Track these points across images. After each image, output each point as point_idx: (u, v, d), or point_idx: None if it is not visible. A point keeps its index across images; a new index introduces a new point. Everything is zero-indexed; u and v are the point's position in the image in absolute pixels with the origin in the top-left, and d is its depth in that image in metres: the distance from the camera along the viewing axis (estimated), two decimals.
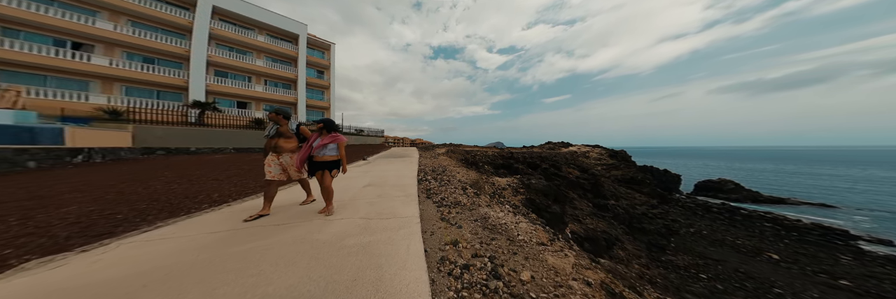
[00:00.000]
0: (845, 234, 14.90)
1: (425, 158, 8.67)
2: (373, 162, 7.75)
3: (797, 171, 39.22)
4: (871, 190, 25.87)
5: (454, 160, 9.15)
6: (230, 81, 14.91)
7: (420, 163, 7.29)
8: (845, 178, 32.52)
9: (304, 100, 18.41)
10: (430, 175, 5.20)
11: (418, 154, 10.60)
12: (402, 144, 25.22)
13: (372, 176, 5.01)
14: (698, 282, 8.13)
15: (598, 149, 21.00)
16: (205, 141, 10.62)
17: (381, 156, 9.61)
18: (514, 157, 13.28)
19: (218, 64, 14.70)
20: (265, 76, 17.00)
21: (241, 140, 11.72)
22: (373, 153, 11.83)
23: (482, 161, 11.31)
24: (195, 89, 13.08)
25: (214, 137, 10.91)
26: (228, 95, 15.11)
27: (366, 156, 9.52)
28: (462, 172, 6.00)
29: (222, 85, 14.51)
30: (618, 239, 9.35)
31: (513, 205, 4.13)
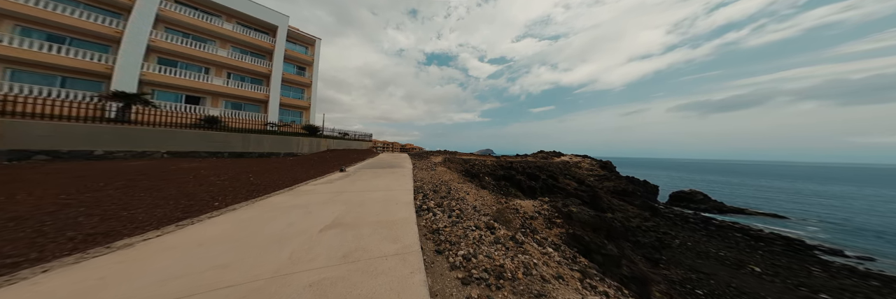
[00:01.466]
0: (803, 244, 16.00)
1: (421, 170, 7.13)
2: (354, 174, 5.95)
3: (741, 183, 44.30)
4: (808, 201, 29.50)
5: (454, 172, 7.77)
6: (180, 71, 12.17)
7: (415, 176, 5.78)
8: (780, 190, 37.18)
9: (278, 98, 15.91)
10: (433, 198, 3.74)
11: (411, 163, 9.01)
12: (392, 149, 23.14)
13: (346, 201, 3.31)
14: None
15: (588, 160, 21.15)
16: (124, 142, 7.91)
17: (366, 166, 7.76)
18: (513, 168, 12.32)
19: (164, 50, 11.97)
20: (229, 68, 14.40)
21: (180, 141, 9.10)
22: (357, 160, 9.91)
23: (482, 172, 10.10)
24: (124, 78, 10.20)
25: (140, 138, 8.23)
26: (175, 88, 12.24)
27: (345, 166, 7.64)
28: (471, 192, 4.63)
29: (167, 75, 11.70)
30: (627, 257, 8.52)
31: (554, 246, 2.89)
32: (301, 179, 4.87)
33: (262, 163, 7.58)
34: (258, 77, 15.93)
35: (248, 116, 14.13)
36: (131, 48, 10.44)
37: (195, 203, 2.94)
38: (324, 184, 4.42)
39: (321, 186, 4.28)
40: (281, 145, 11.82)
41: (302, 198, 3.42)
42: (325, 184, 4.42)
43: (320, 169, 6.78)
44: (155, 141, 8.56)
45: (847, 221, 21.51)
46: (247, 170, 5.69)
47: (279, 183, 4.40)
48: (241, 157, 10.38)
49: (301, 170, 6.22)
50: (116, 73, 10.10)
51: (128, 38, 10.35)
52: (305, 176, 5.38)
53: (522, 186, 10.50)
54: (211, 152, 9.80)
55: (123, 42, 10.28)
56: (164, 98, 11.92)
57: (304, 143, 12.75)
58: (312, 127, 15.01)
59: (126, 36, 10.31)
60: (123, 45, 10.28)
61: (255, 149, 11.01)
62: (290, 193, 3.62)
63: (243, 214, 2.68)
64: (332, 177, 5.32)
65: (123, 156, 7.89)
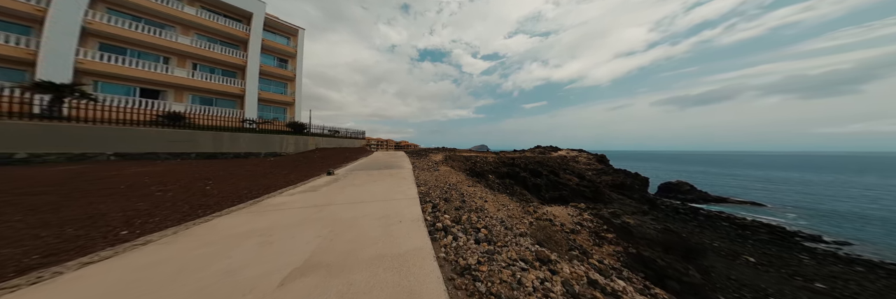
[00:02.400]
0: (784, 231, 16.64)
1: (422, 170, 6.15)
2: (344, 177, 4.90)
3: (720, 173, 46.66)
4: (779, 189, 31.22)
5: (459, 171, 6.88)
6: (130, 60, 10.29)
7: (417, 178, 4.85)
8: (754, 179, 39.37)
9: (256, 93, 14.19)
10: (445, 209, 2.85)
11: (410, 162, 8.01)
12: (386, 147, 21.85)
13: (329, 220, 2.34)
14: None
15: (585, 154, 20.94)
16: (55, 143, 6.39)
17: (360, 167, 6.66)
18: (516, 164, 11.64)
19: (107, 35, 10.01)
20: (195, 58, 12.53)
21: (132, 141, 7.61)
22: (349, 160, 8.77)
23: (485, 169, 9.33)
24: (53, 66, 8.32)
25: (77, 137, 6.70)
26: (125, 79, 10.37)
27: (334, 167, 6.53)
28: (488, 198, 3.78)
29: (112, 63, 9.81)
30: (711, 283, 8.18)
31: (616, 271, 2.13)
32: (276, 187, 3.83)
33: (232, 166, 6.35)
34: (232, 69, 14.09)
35: (221, 112, 12.45)
36: (59, 30, 8.52)
37: (90, 232, 1.89)
38: (303, 194, 3.39)
39: (299, 197, 3.25)
40: (261, 144, 10.42)
41: (266, 217, 2.42)
42: (305, 194, 3.40)
43: (304, 171, 5.70)
44: (98, 141, 7.04)
45: (818, 207, 22.77)
46: (208, 176, 4.54)
47: (244, 193, 3.34)
48: (212, 159, 8.98)
49: (279, 174, 5.12)
50: (42, 59, 8.23)
51: (54, 18, 8.41)
52: (283, 181, 4.32)
53: (527, 184, 9.85)
54: (173, 153, 8.35)
55: (48, 22, 8.36)
56: (111, 91, 10.08)
57: (289, 142, 11.39)
58: (298, 124, 13.55)
59: (51, 15, 8.38)
60: (48, 25, 8.36)
61: (229, 149, 9.59)
62: (252, 209, 2.61)
63: (157, 252, 1.67)
64: (316, 183, 4.27)
65: (56, 160, 6.38)
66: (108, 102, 9.11)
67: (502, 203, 3.66)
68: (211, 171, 5.24)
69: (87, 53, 9.34)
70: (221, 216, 2.37)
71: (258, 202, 2.89)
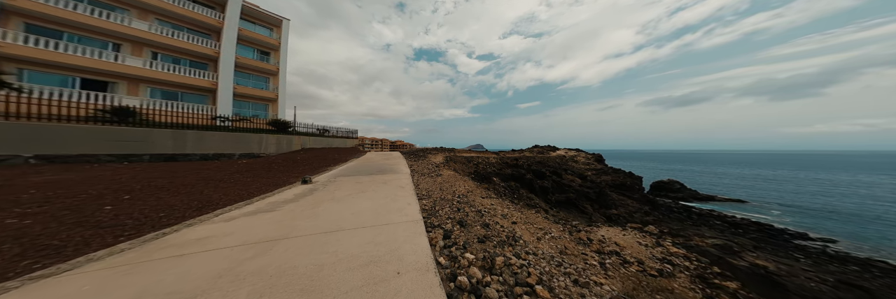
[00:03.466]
0: (773, 229, 16.88)
1: (423, 175, 5.13)
2: (324, 187, 3.72)
3: (703, 171, 48.45)
4: (758, 186, 32.46)
5: (465, 176, 5.89)
6: (68, 46, 8.51)
7: (418, 186, 3.83)
8: (734, 176, 41.00)
9: (231, 87, 12.55)
10: (465, 239, 1.83)
11: (407, 164, 6.91)
12: (381, 147, 20.45)
13: (262, 287, 1.19)
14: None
15: (583, 154, 20.55)
16: None
17: (348, 172, 5.49)
18: (520, 166, 10.81)
19: (35, 14, 8.20)
20: (154, 46, 10.79)
21: (60, 141, 6.11)
22: (337, 162, 7.55)
23: (488, 171, 8.41)
24: None
25: None
26: (59, 67, 8.58)
27: (314, 174, 5.27)
28: (517, 218, 2.80)
29: (42, 48, 8.07)
30: None
31: None
32: (220, 203, 2.70)
33: (187, 172, 5.06)
34: (202, 60, 12.39)
35: (188, 108, 10.83)
36: None
37: None
38: (250, 218, 2.27)
39: (240, 223, 2.12)
40: (234, 144, 9.00)
41: (141, 276, 1.34)
42: (254, 218, 2.28)
43: (276, 178, 4.54)
44: (13, 140, 5.53)
45: (797, 204, 23.59)
46: (137, 186, 3.32)
47: (157, 217, 2.20)
48: (171, 161, 7.55)
49: (239, 183, 3.94)
50: None
51: None
52: (236, 194, 3.17)
53: (534, 187, 9.04)
54: (119, 155, 6.87)
55: None
56: (43, 81, 8.31)
57: (270, 142, 10.00)
58: (281, 122, 12.09)
59: None
60: None
61: (194, 149, 8.14)
62: (130, 258, 1.49)
63: None
64: (281, 196, 3.14)
65: None
66: (39, 94, 7.44)
67: (536, 223, 2.72)
68: (148, 179, 3.99)
69: (8, 35, 7.57)
70: (46, 278, 1.26)
71: (163, 236, 1.77)
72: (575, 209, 9.21)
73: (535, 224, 2.85)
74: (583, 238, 2.85)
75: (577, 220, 5.41)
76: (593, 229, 3.76)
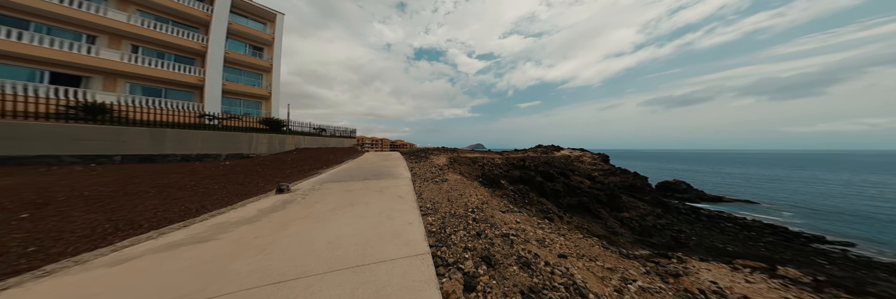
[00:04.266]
0: (788, 231, 16.14)
1: (426, 181, 4.38)
2: (303, 198, 2.94)
3: (707, 171, 47.75)
4: (766, 186, 31.76)
5: (473, 181, 5.12)
6: (35, 37, 7.66)
7: (420, 194, 3.06)
8: (738, 176, 40.31)
9: (220, 83, 11.76)
10: (500, 290, 1.06)
11: (406, 165, 6.13)
12: (381, 147, 19.66)
13: None
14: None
15: (588, 154, 19.80)
16: None
17: (338, 176, 4.70)
18: (526, 166, 10.06)
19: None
20: (134, 39, 9.98)
21: (11, 141, 5.36)
22: (331, 164, 6.79)
23: (495, 173, 7.66)
24: None
25: None
26: (25, 59, 7.71)
27: (293, 180, 4.39)
28: (555, 240, 2.04)
29: (6, 39, 7.25)
30: None
31: None
32: (144, 225, 1.95)
33: (152, 175, 4.30)
34: (188, 55, 11.60)
35: (172, 105, 10.05)
36: None
37: None
38: (166, 253, 1.48)
39: (136, 268, 1.34)
40: (221, 144, 8.25)
41: None
42: (173, 253, 1.50)
43: (253, 184, 3.80)
44: None
45: (807, 204, 22.87)
46: (50, 198, 2.57)
47: (28, 251, 1.45)
48: (148, 162, 6.80)
49: (199, 193, 3.18)
50: None
51: None
52: (180, 210, 2.40)
53: (544, 190, 8.30)
54: (86, 156, 6.13)
55: None
56: (7, 75, 7.52)
57: (261, 142, 9.25)
58: (274, 120, 11.34)
59: None
60: None
61: (175, 149, 7.38)
62: None
63: None
64: (239, 213, 2.35)
65: None
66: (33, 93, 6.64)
67: (596, 257, 1.91)
68: (91, 186, 3.23)
69: None
70: None
71: (30, 281, 1.03)
72: (588, 213, 8.48)
73: (595, 258, 2.00)
74: (690, 288, 1.87)
75: (645, 248, 4.64)
76: (688, 268, 2.84)
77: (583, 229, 5.79)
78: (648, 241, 9.08)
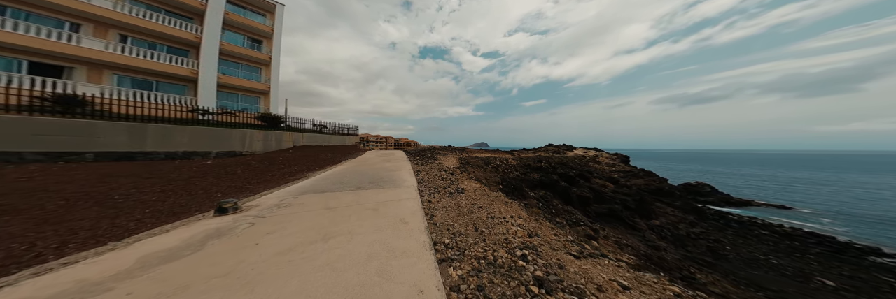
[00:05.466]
0: (835, 241, 14.19)
1: (437, 191, 3.27)
2: (252, 227, 1.82)
3: (727, 172, 44.67)
4: (798, 189, 29.06)
5: (491, 187, 4.05)
6: (6, 22, 6.96)
7: (431, 214, 1.98)
8: (764, 178, 37.40)
9: (214, 76, 11.00)
10: None
11: (411, 168, 5.04)
12: (385, 145, 18.74)
13: None
14: None
15: (604, 154, 18.24)
16: None
17: (325, 184, 3.64)
18: (544, 168, 8.85)
19: None
20: (122, 28, 9.25)
21: None
22: (324, 166, 5.81)
23: (512, 176, 6.53)
24: None
25: None
26: (1, 48, 7.08)
27: (260, 190, 3.30)
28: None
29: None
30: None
31: None
32: None
33: (81, 178, 3.39)
34: (182, 46, 10.84)
35: (162, 99, 9.33)
36: None
37: None
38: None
39: None
40: (212, 141, 7.45)
41: None
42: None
43: (208, 196, 2.85)
44: None
45: (849, 210, 20.52)
46: None
47: None
48: (126, 160, 6.05)
49: (119, 208, 2.20)
50: None
51: None
52: (46, 245, 1.45)
53: (570, 196, 7.10)
54: (52, 153, 5.38)
55: None
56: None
57: (256, 139, 8.42)
58: (271, 116, 10.51)
59: None
60: None
61: (157, 146, 6.58)
62: None
63: None
64: (119, 261, 1.36)
65: None
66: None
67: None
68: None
69: None
70: None
71: None
72: (620, 223, 7.24)
73: None
74: None
75: (702, 268, 3.50)
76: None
77: (626, 246, 4.65)
78: (700, 258, 7.78)
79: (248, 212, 2.12)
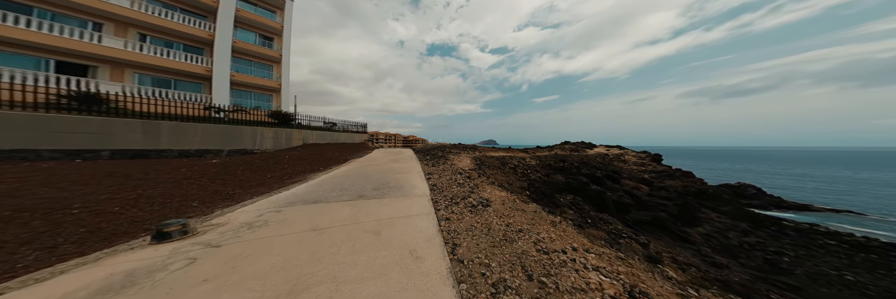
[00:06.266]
0: None
1: (453, 202, 2.48)
2: (193, 264, 1.22)
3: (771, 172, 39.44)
4: (856, 191, 24.74)
5: (515, 193, 3.26)
6: (32, 22, 7.12)
7: (455, 249, 1.29)
8: (817, 178, 32.47)
9: (227, 74, 11.01)
10: None
11: (421, 170, 4.38)
12: (393, 143, 18.33)
13: None
14: None
15: (630, 152, 16.40)
16: None
17: (320, 190, 3.09)
18: (568, 169, 7.80)
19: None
20: (141, 27, 9.35)
21: None
22: (328, 166, 5.31)
23: (532, 177, 5.63)
24: None
25: None
26: (25, 47, 7.22)
27: (221, 206, 2.58)
28: None
29: (8, 25, 6.75)
30: None
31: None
32: None
33: (62, 180, 3.10)
34: (197, 44, 10.88)
35: (178, 97, 9.43)
36: None
37: None
38: None
39: None
40: (224, 139, 7.31)
41: None
42: None
43: (186, 205, 2.39)
44: None
45: None
46: None
47: None
48: (141, 158, 6.01)
49: (61, 225, 1.76)
50: None
51: None
52: None
53: (604, 202, 6.04)
54: (69, 151, 5.38)
55: None
56: (14, 63, 7.12)
57: (267, 136, 8.24)
58: (283, 114, 10.36)
59: None
60: None
61: (170, 144, 6.48)
62: None
63: None
64: None
65: None
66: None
67: None
68: None
69: None
70: None
71: None
72: (664, 232, 6.11)
73: None
74: None
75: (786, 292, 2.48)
76: None
77: (687, 266, 3.69)
78: (776, 280, 6.46)
79: (200, 238, 1.54)
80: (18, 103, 5.19)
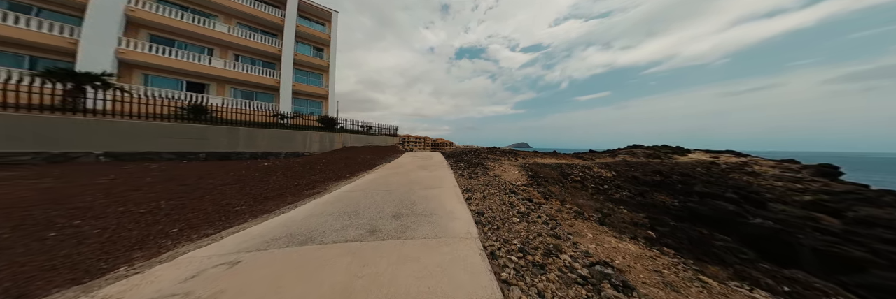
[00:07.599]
0: None
1: (533, 265, 1.15)
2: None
3: None
4: None
5: (628, 234, 1.77)
6: (178, 52, 9.71)
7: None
8: None
9: (291, 84, 12.76)
10: None
11: (455, 182, 3.29)
12: (423, 146, 18.05)
13: None
14: None
15: (761, 160, 10.84)
16: (42, 140, 5.14)
17: (335, 209, 2.45)
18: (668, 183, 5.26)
19: (156, 25, 9.56)
20: (236, 49, 11.68)
21: (125, 138, 6.10)
22: (354, 173, 4.85)
23: (618, 195, 3.71)
24: (92, 55, 7.80)
25: (52, 133, 5.36)
26: (171, 71, 9.91)
27: (201, 231, 1.90)
28: None
29: (159, 55, 9.34)
30: None
31: None
32: None
33: (120, 184, 3.41)
34: (270, 60, 12.94)
35: (258, 107, 11.32)
36: (99, 17, 7.97)
37: None
38: None
39: None
40: (281, 142, 8.13)
41: None
42: None
43: (201, 220, 2.09)
44: (83, 137, 5.55)
45: None
46: None
47: None
48: (226, 160, 7.09)
49: (60, 243, 1.54)
50: (82, 48, 7.82)
51: (95, 4, 7.87)
52: None
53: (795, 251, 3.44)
54: (178, 153, 6.65)
55: (90, 9, 7.84)
56: (162, 84, 9.78)
57: (314, 140, 8.88)
58: (329, 119, 11.24)
59: (91, 2, 7.85)
60: (90, 12, 7.84)
61: (246, 147, 7.48)
62: None
63: None
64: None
65: (31, 160, 5.09)
66: (156, 96, 8.45)
67: None
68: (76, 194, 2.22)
69: (132, 43, 8.88)
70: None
71: None
72: None
73: None
74: None
75: None
76: None
77: None
78: None
79: None
80: (156, 115, 6.76)
